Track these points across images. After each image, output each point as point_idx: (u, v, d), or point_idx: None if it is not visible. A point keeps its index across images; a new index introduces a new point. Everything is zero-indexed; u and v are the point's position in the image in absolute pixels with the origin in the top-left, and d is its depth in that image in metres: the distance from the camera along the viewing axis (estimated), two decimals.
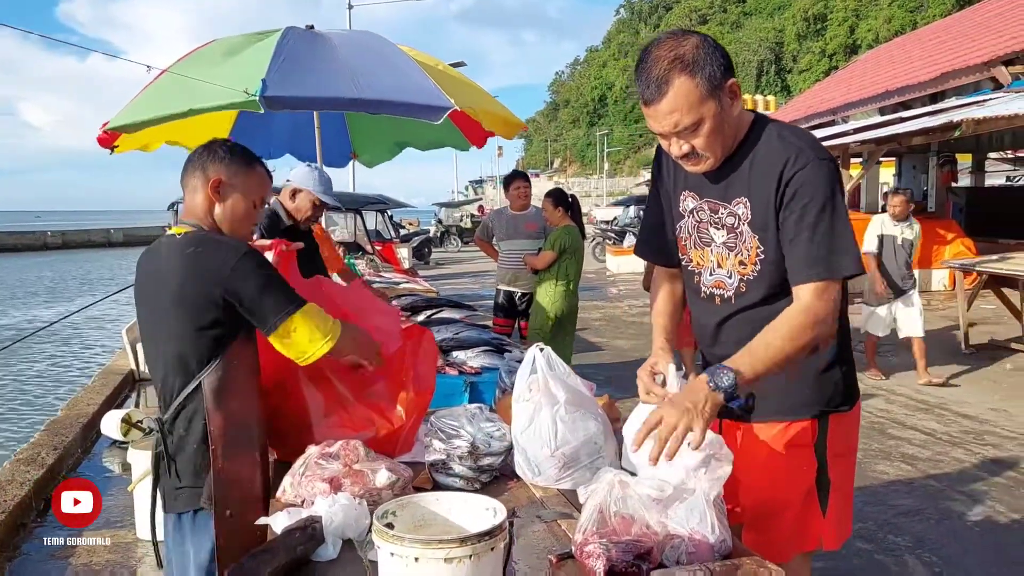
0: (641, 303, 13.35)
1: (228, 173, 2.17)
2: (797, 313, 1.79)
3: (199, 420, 2.09)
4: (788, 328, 1.78)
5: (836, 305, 1.80)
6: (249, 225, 2.26)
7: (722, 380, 1.70)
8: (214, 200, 2.16)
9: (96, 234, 44.97)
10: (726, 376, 1.71)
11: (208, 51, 4.89)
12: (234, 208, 2.19)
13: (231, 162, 2.18)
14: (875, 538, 3.87)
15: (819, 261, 1.79)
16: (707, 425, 1.67)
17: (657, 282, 2.28)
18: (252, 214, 2.24)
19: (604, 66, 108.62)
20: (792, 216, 1.82)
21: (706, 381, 1.72)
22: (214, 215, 2.18)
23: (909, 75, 15.21)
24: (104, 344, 12.30)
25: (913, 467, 4.87)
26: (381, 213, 18.99)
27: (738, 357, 1.76)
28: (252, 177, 2.22)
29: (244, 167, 2.20)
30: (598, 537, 1.62)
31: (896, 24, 54.97)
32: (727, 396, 1.71)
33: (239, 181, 2.19)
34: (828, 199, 1.79)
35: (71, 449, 5.35)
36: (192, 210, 2.19)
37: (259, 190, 2.24)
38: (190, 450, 2.12)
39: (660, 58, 1.77)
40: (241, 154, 2.21)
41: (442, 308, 5.22)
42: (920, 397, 6.48)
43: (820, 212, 1.79)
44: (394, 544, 1.29)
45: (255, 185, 2.23)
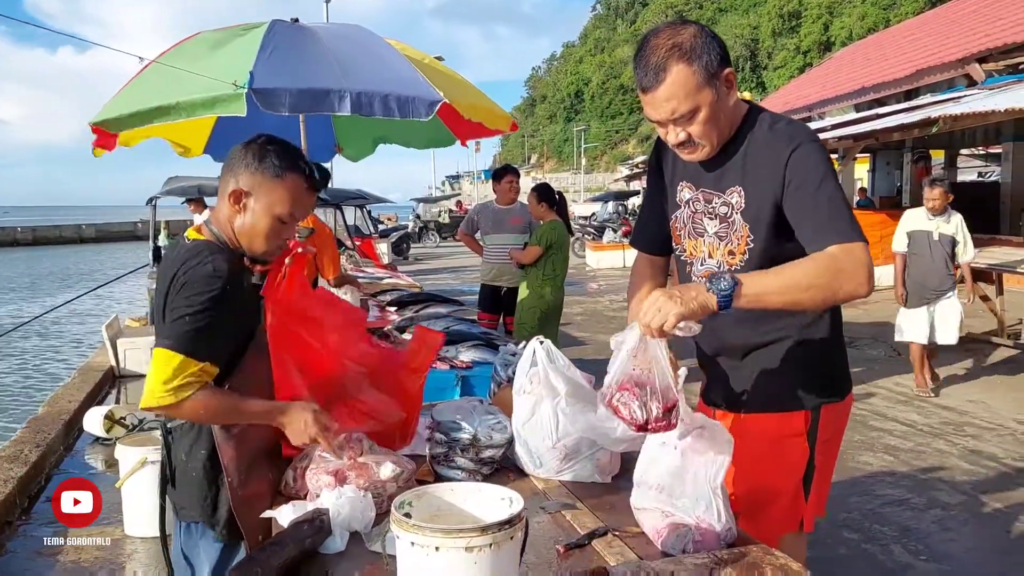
0: (622, 298, 13.41)
1: (252, 183, 1.94)
2: (820, 255, 1.76)
3: (200, 447, 2.00)
4: (807, 265, 1.76)
5: (865, 265, 1.76)
6: (273, 242, 2.00)
7: (720, 283, 1.66)
8: (234, 210, 1.96)
9: (68, 230, 44.37)
10: (725, 280, 1.67)
11: (193, 45, 4.83)
12: (255, 223, 1.96)
13: (257, 170, 1.94)
14: (861, 528, 3.93)
15: (830, 228, 1.79)
16: (685, 316, 1.63)
17: (637, 273, 2.29)
18: (278, 230, 1.99)
19: (581, 62, 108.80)
20: (796, 194, 1.84)
21: (703, 281, 1.72)
22: (234, 227, 1.98)
23: (884, 72, 15.40)
24: (83, 340, 12.14)
25: (896, 458, 4.95)
26: (360, 208, 18.94)
27: (748, 274, 1.76)
28: (281, 189, 1.94)
29: (271, 178, 1.94)
30: (630, 386, 1.67)
31: (869, 21, 55.52)
32: (720, 301, 1.66)
33: (263, 193, 1.94)
34: (825, 176, 1.82)
35: (54, 446, 5.29)
36: (217, 215, 2.02)
37: (289, 203, 1.96)
38: (192, 475, 2.02)
39: (658, 46, 1.80)
40: (276, 160, 1.94)
41: (429, 303, 5.22)
42: (900, 390, 6.57)
43: (819, 187, 1.81)
44: (414, 533, 1.30)
45: (283, 197, 1.95)
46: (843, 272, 1.73)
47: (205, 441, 2.00)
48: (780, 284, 1.73)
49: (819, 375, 2.04)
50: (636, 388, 1.68)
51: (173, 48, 4.90)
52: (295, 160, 1.98)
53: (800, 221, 1.84)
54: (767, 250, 1.92)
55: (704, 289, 1.67)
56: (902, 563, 3.59)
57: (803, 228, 1.84)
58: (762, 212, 1.90)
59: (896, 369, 7.21)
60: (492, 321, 6.41)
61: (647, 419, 1.67)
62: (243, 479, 1.98)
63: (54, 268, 25.89)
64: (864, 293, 1.76)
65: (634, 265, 2.35)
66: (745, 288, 1.68)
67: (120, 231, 43.71)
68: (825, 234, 1.78)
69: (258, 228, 1.97)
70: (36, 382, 9.58)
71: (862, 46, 23.29)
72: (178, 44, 4.96)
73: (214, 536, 2.05)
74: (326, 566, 1.71)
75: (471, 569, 1.29)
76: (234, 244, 2.00)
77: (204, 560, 2.08)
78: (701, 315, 1.66)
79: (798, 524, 2.07)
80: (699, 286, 1.69)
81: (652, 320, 1.64)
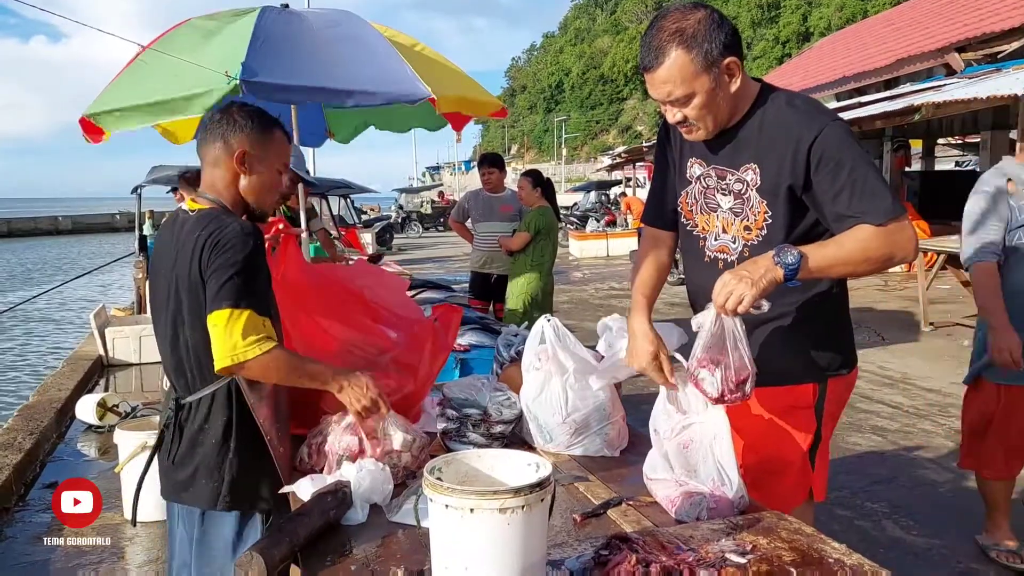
0: (607, 286, 13.48)
1: (252, 143, 2.05)
2: (874, 229, 1.83)
3: (220, 415, 2.02)
4: (863, 236, 1.83)
5: (914, 236, 1.87)
6: (276, 194, 2.17)
7: (787, 257, 1.77)
8: (240, 172, 2.06)
9: (43, 222, 43.74)
10: (791, 254, 1.77)
11: (184, 33, 4.78)
12: (261, 179, 2.09)
13: (253, 129, 2.06)
14: (853, 505, 4.01)
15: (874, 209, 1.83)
16: (759, 296, 1.74)
17: (643, 251, 2.32)
18: (278, 181, 2.15)
19: (561, 52, 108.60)
20: (826, 179, 1.87)
21: (772, 255, 1.78)
22: (239, 187, 2.08)
23: (864, 61, 15.51)
24: (69, 328, 12.05)
25: (884, 438, 5.04)
26: (344, 198, 18.87)
27: (808, 247, 1.82)
28: (274, 143, 2.11)
29: (267, 134, 2.09)
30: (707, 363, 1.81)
31: (848, 12, 55.92)
32: (787, 274, 1.76)
33: (264, 149, 2.08)
34: (855, 155, 1.86)
35: (47, 434, 5.27)
36: (212, 183, 2.08)
37: (282, 156, 2.15)
38: (209, 443, 2.03)
39: (663, 28, 1.85)
40: (261, 119, 2.09)
41: (423, 289, 5.26)
42: (885, 372, 6.69)
43: (852, 169, 1.85)
44: (449, 496, 1.33)
45: (278, 151, 2.12)
46: (897, 244, 1.84)
47: (222, 411, 2.02)
48: (842, 257, 1.84)
49: (827, 348, 2.10)
50: (712, 365, 1.81)
51: (164, 36, 4.84)
52: (272, 117, 2.15)
53: (835, 203, 1.87)
54: (785, 226, 1.97)
55: (772, 263, 1.76)
56: (894, 537, 3.68)
57: (839, 209, 1.87)
58: (779, 189, 1.94)
59: (881, 353, 7.33)
60: (483, 308, 6.43)
61: (722, 392, 1.79)
62: (279, 436, 2.06)
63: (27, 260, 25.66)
64: (912, 258, 1.92)
65: (640, 244, 2.39)
66: (811, 262, 1.78)
67: (97, 223, 43.19)
68: (873, 214, 1.83)
69: (266, 183, 2.11)
70: (23, 371, 9.49)
71: (842, 36, 23.44)
72: (168, 31, 4.91)
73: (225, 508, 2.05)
74: (348, 537, 1.74)
75: (504, 530, 1.33)
76: (235, 206, 2.08)
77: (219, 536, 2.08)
78: (770, 290, 1.77)
79: (807, 493, 2.13)
80: (766, 260, 1.78)
81: (728, 302, 1.74)
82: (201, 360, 1.99)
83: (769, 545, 1.62)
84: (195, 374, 2.02)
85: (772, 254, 1.78)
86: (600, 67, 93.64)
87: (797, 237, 1.95)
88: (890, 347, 7.62)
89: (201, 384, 2.02)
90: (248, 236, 1.95)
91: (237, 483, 2.04)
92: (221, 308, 1.88)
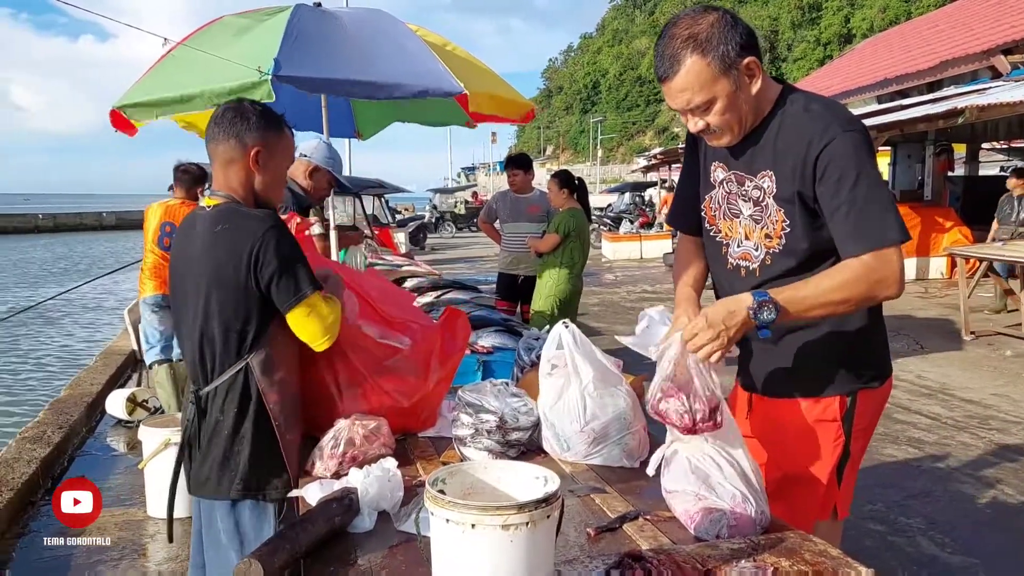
0: (640, 289, 13.36)
1: (266, 141, 2.11)
2: (853, 267, 1.77)
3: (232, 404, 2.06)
4: (841, 277, 1.77)
5: (898, 270, 1.77)
6: (283, 189, 2.26)
7: (764, 315, 1.74)
8: (255, 171, 2.10)
9: (88, 217, 44.77)
10: (768, 313, 1.74)
11: (217, 30, 4.81)
12: (274, 175, 2.16)
13: (267, 128, 2.11)
14: (887, 520, 3.88)
15: (862, 234, 1.77)
16: (728, 349, 1.74)
17: (682, 251, 2.27)
18: (285, 177, 2.25)
19: (598, 52, 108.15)
20: (828, 193, 1.80)
21: (748, 307, 1.74)
22: (254, 184, 2.12)
23: (907, 63, 15.21)
24: (106, 324, 12.23)
25: (920, 450, 4.89)
26: (378, 198, 18.97)
27: (785, 293, 1.77)
28: (284, 141, 2.18)
29: (278, 132, 2.15)
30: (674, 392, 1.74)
31: (891, 14, 54.89)
32: (760, 326, 1.75)
33: (276, 148, 2.14)
34: (860, 170, 1.76)
35: (76, 428, 5.33)
36: (226, 181, 2.11)
37: (290, 152, 2.24)
38: (223, 434, 2.08)
39: (675, 36, 1.79)
40: (271, 118, 2.15)
41: (449, 289, 5.22)
42: (923, 382, 6.50)
43: (853, 185, 1.76)
44: (450, 510, 1.28)
45: (287, 149, 2.21)
46: (879, 281, 1.77)
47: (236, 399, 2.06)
48: (817, 299, 1.78)
49: (857, 359, 2.00)
50: (680, 393, 1.74)
51: (197, 32, 4.87)
52: (279, 114, 2.20)
53: (833, 220, 1.81)
54: (805, 235, 1.88)
55: (747, 316, 1.74)
56: (928, 555, 3.54)
57: (836, 228, 1.81)
58: (794, 197, 1.86)
59: (919, 362, 7.13)
60: (510, 309, 6.37)
61: (694, 421, 1.73)
62: (287, 422, 2.09)
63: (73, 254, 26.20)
64: (895, 296, 1.81)
65: (679, 246, 2.33)
66: (787, 313, 1.75)
67: (139, 219, 43.91)
68: (858, 239, 1.77)
69: (278, 179, 2.19)
70: (58, 365, 9.62)
71: (885, 37, 23.03)
72: (201, 28, 4.94)
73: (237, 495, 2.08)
74: (355, 545, 1.69)
75: (507, 548, 1.27)
76: (248, 203, 2.13)
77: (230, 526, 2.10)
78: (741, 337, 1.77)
79: (831, 511, 2.04)
80: (740, 312, 1.74)
81: (699, 353, 1.73)
82: (221, 349, 2.05)
83: (792, 568, 1.54)
84: (214, 363, 2.07)
85: (749, 305, 1.74)
86: (637, 68, 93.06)
87: (820, 246, 1.87)
88: (929, 356, 7.42)
89: (220, 371, 2.06)
90: (275, 224, 2.03)
91: (249, 471, 2.07)
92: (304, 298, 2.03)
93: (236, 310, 2.02)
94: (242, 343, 2.04)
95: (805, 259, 1.91)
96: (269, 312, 2.05)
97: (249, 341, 2.04)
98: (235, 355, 2.04)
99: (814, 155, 1.79)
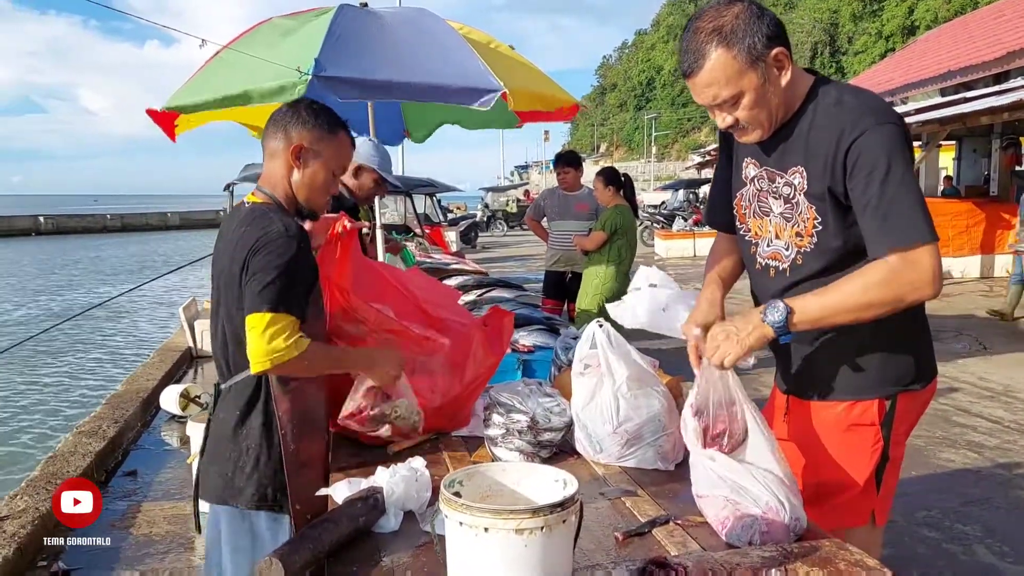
0: (691, 288, 13.17)
1: (312, 138, 2.05)
2: (877, 269, 1.70)
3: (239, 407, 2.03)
4: (866, 280, 1.71)
5: (931, 270, 1.68)
6: (326, 195, 2.13)
7: (773, 315, 1.74)
8: (294, 166, 2.05)
9: (154, 217, 46.17)
10: (777, 312, 1.74)
11: (265, 30, 4.90)
12: (314, 176, 2.07)
13: (315, 126, 2.05)
14: (942, 526, 3.75)
15: (888, 233, 1.69)
16: (744, 353, 1.76)
17: (714, 251, 2.23)
18: (331, 183, 2.12)
19: (652, 49, 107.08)
20: (857, 188, 1.73)
21: (760, 312, 1.76)
22: (291, 181, 2.07)
23: (972, 55, 14.68)
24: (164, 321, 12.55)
25: (980, 455, 4.71)
26: (430, 197, 19.09)
27: (801, 296, 1.76)
28: (335, 144, 2.09)
29: (328, 133, 2.07)
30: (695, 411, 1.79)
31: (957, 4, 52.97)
32: (778, 330, 1.74)
33: (322, 148, 2.06)
34: (890, 165, 1.68)
35: (131, 423, 5.46)
36: (269, 176, 2.09)
37: (341, 159, 2.13)
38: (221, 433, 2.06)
39: (699, 29, 1.74)
40: (327, 118, 2.08)
41: (493, 287, 5.20)
42: (985, 384, 6.27)
43: (883, 181, 1.69)
44: (464, 513, 1.26)
45: (337, 153, 2.10)
46: (904, 284, 1.69)
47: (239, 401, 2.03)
48: (837, 305, 1.74)
49: (897, 361, 1.91)
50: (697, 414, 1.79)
51: (245, 34, 4.96)
52: (341, 119, 2.12)
53: (862, 217, 1.74)
54: (836, 234, 1.81)
55: (759, 321, 1.75)
56: (985, 564, 3.40)
57: (863, 225, 1.74)
58: (826, 194, 1.79)
59: (982, 363, 6.89)
60: (556, 307, 6.34)
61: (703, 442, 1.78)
62: (296, 433, 2.01)
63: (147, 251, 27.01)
64: (930, 297, 1.74)
65: (714, 244, 2.28)
66: (798, 316, 1.73)
67: (202, 219, 45.12)
68: (884, 237, 1.70)
69: (317, 181, 2.08)
70: (116, 361, 9.90)
71: (948, 28, 22.30)
72: (250, 30, 5.02)
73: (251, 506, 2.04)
74: (379, 546, 1.68)
75: (521, 553, 1.24)
76: (288, 202, 2.08)
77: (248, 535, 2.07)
78: (760, 347, 1.78)
79: (868, 517, 1.96)
80: (753, 318, 1.77)
81: (714, 357, 1.77)
82: (233, 349, 2.03)
83: None
84: (230, 362, 2.06)
85: (760, 310, 1.76)
86: None
87: (853, 246, 1.79)
88: (992, 357, 7.15)
89: (234, 371, 2.05)
90: (292, 239, 1.94)
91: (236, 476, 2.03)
92: (260, 311, 1.88)
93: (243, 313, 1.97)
94: None
95: (837, 259, 1.84)
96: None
97: None
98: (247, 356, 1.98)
99: (844, 148, 1.72)
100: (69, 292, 17.43)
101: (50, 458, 4.50)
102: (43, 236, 37.75)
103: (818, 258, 1.85)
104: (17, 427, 6.89)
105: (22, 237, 36.91)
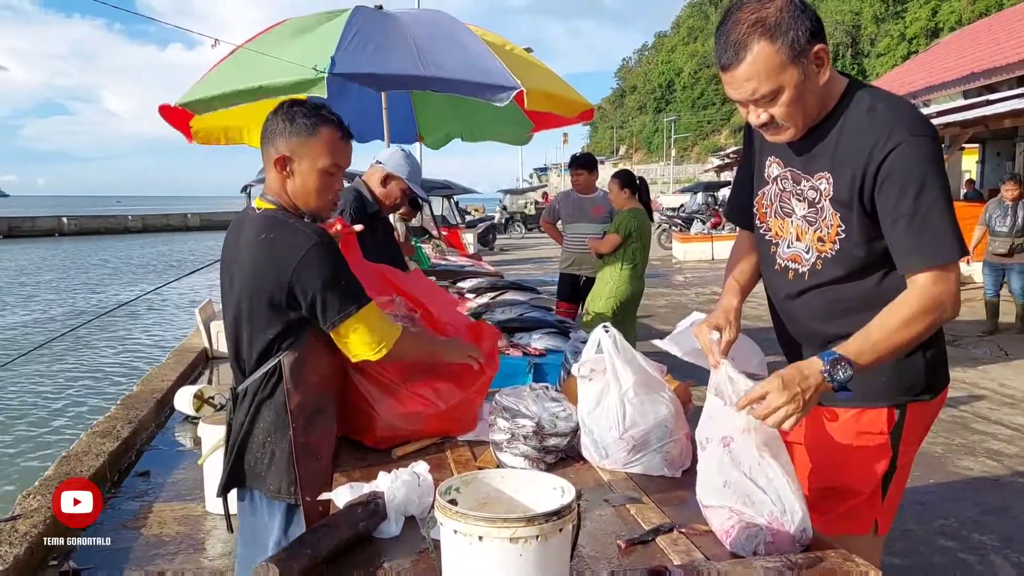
0: (709, 291, 13.09)
1: (291, 146, 2.02)
2: (915, 298, 1.68)
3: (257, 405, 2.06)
4: (907, 312, 1.68)
5: (955, 290, 1.68)
6: (326, 196, 2.09)
7: (839, 374, 1.63)
8: (282, 176, 2.04)
9: (174, 219, 46.58)
10: (844, 371, 1.63)
11: (279, 30, 4.93)
12: (304, 182, 2.04)
13: (292, 133, 2.01)
14: (959, 536, 3.68)
15: (920, 249, 1.67)
16: (806, 413, 1.63)
17: (736, 249, 2.20)
18: (328, 183, 2.07)
19: (672, 51, 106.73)
20: (889, 200, 1.69)
21: (821, 370, 1.63)
22: (287, 190, 2.06)
23: (995, 57, 14.53)
24: (181, 322, 12.64)
25: (999, 463, 4.63)
26: (447, 199, 19.11)
27: (856, 345, 1.67)
28: (318, 144, 2.03)
29: (308, 135, 2.02)
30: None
31: (981, 5, 52.39)
32: (837, 387, 1.64)
33: (305, 152, 2.02)
34: (925, 179, 1.65)
35: (145, 423, 5.49)
36: (270, 185, 2.09)
37: (332, 155, 2.05)
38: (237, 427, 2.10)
39: (741, 20, 1.68)
40: (305, 119, 2.02)
41: (506, 290, 5.18)
42: (1006, 391, 6.17)
43: (918, 195, 1.65)
44: (458, 521, 1.24)
45: (325, 151, 2.03)
46: (939, 307, 1.68)
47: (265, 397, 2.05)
48: (887, 342, 1.68)
49: (908, 370, 1.87)
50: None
51: (261, 34, 4.98)
52: (323, 114, 2.06)
53: (893, 230, 1.70)
54: (861, 242, 1.78)
55: (822, 379, 1.63)
56: (1002, 575, 3.34)
57: (894, 238, 1.71)
58: (854, 201, 1.75)
59: (1003, 369, 6.79)
60: (571, 310, 6.32)
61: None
62: (307, 425, 2.05)
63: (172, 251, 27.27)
64: (951, 319, 1.73)
65: (735, 241, 2.25)
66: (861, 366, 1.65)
67: (222, 220, 45.48)
68: (919, 254, 1.68)
69: (309, 186, 2.05)
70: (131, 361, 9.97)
71: (971, 30, 22.07)
72: (266, 30, 5.05)
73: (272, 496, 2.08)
74: (380, 551, 1.66)
75: (516, 562, 1.22)
76: (292, 209, 2.08)
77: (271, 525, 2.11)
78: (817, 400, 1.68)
79: (871, 526, 1.92)
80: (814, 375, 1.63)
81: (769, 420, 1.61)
82: (253, 353, 2.04)
83: None
84: (247, 365, 2.07)
85: (822, 367, 1.63)
86: (712, 66, 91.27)
87: (875, 256, 1.77)
88: (1013, 363, 7.05)
89: (251, 372, 2.07)
90: (321, 241, 1.97)
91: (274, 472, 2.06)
92: (352, 314, 1.98)
93: (270, 322, 2.00)
94: (272, 348, 2.03)
95: (857, 268, 1.81)
96: (306, 322, 2.02)
97: (281, 346, 2.02)
98: (266, 357, 2.04)
99: (878, 160, 1.68)
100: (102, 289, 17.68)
101: (64, 458, 4.53)
102: (66, 237, 38.15)
103: (839, 265, 1.82)
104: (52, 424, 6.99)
105: (46, 238, 37.34)
